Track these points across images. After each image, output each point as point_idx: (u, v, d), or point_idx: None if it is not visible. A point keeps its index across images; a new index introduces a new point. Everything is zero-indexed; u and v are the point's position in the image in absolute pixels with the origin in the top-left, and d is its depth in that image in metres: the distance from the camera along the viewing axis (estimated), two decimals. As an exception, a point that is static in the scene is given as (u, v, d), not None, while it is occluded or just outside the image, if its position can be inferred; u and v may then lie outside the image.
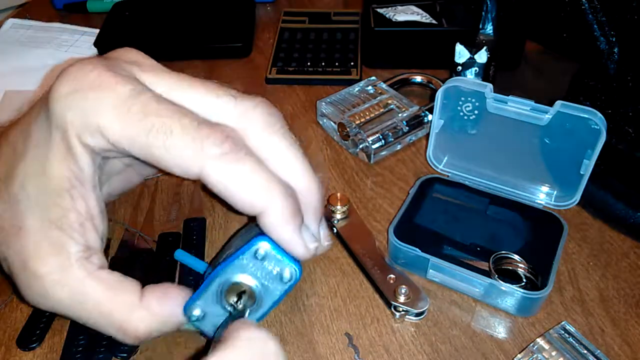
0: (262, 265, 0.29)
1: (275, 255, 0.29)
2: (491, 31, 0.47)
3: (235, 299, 0.30)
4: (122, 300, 0.29)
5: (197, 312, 0.30)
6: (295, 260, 0.30)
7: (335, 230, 0.41)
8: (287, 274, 0.29)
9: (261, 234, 0.29)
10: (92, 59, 0.29)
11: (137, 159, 0.29)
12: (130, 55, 0.31)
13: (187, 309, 0.30)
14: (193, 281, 0.37)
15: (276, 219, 0.28)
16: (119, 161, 0.35)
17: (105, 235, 0.31)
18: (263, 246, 0.29)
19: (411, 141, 0.50)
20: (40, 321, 0.34)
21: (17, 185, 0.29)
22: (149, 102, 0.27)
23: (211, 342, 0.29)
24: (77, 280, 0.28)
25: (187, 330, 0.32)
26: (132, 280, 0.30)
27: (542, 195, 0.41)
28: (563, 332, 0.33)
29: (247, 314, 0.30)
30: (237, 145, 0.28)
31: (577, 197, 0.39)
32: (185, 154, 0.27)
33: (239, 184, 0.27)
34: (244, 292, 0.30)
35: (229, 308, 0.30)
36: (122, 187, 0.38)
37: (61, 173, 0.28)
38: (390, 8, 0.62)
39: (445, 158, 0.45)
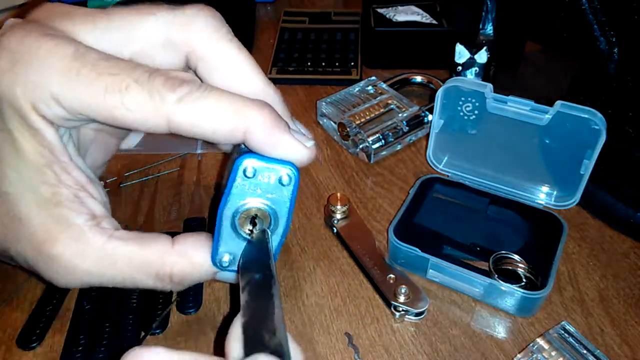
0: (257, 181, 0.28)
1: (265, 165, 0.28)
2: (491, 31, 0.47)
3: (251, 227, 0.29)
4: (154, 248, 0.29)
5: (226, 258, 0.30)
6: (285, 162, 0.28)
7: (335, 230, 0.41)
8: (285, 178, 0.28)
9: (238, 157, 0.28)
10: (19, 24, 0.28)
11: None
12: (55, 10, 0.29)
13: (215, 260, 0.30)
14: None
15: (263, 132, 0.27)
16: (87, 129, 0.34)
17: (107, 202, 0.30)
18: (248, 163, 0.28)
19: (411, 141, 0.50)
20: (41, 321, 0.34)
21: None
22: (96, 61, 0.26)
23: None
24: (98, 247, 0.28)
25: (223, 279, 0.32)
26: (159, 233, 0.30)
27: (542, 195, 0.41)
28: (563, 332, 0.33)
29: (270, 235, 0.29)
30: (194, 84, 0.27)
31: (577, 197, 0.39)
32: (147, 108, 0.26)
33: (211, 118, 0.27)
34: (255, 216, 0.29)
35: (249, 237, 0.29)
36: (104, 156, 0.36)
37: (33, 150, 0.27)
38: (390, 8, 0.62)
39: (445, 158, 0.45)
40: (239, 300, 0.25)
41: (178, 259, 0.29)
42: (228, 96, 0.27)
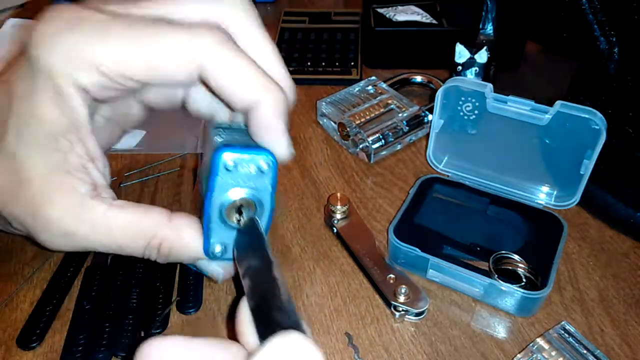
0: (237, 173, 0.29)
1: (243, 157, 0.29)
2: (491, 31, 0.47)
3: (237, 216, 0.30)
4: (151, 218, 0.30)
5: (217, 248, 0.31)
6: (261, 148, 0.29)
7: (335, 230, 0.41)
8: (264, 165, 0.29)
9: (215, 150, 0.29)
10: (63, 5, 0.29)
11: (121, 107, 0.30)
12: None
13: (207, 251, 0.31)
14: (193, 281, 0.37)
15: (272, 111, 0.29)
16: (99, 116, 0.35)
17: (109, 176, 0.31)
18: (227, 157, 0.28)
19: (411, 141, 0.50)
20: (41, 321, 0.34)
21: (10, 140, 0.29)
22: (131, 19, 0.28)
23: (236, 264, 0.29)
24: (98, 215, 0.29)
25: (201, 269, 0.33)
26: (157, 206, 0.32)
27: (542, 195, 0.41)
28: (563, 332, 0.33)
29: (259, 221, 0.30)
30: (230, 36, 0.29)
31: (577, 197, 0.39)
32: (182, 49, 0.27)
33: (237, 73, 0.28)
34: (241, 205, 0.30)
35: (237, 226, 0.30)
36: (107, 143, 0.37)
37: (54, 117, 0.28)
38: (390, 8, 0.62)
39: (445, 158, 0.45)
40: (240, 285, 0.25)
41: (171, 234, 0.31)
42: (256, 63, 0.29)
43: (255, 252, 0.27)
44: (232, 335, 0.23)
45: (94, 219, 0.29)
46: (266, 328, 0.21)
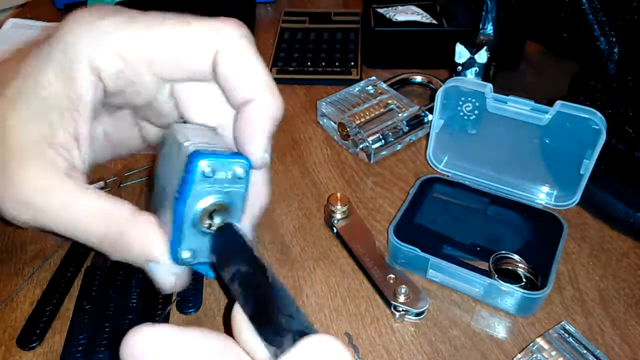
0: (214, 179, 0.28)
1: (220, 163, 0.28)
2: (491, 31, 0.47)
3: (209, 221, 0.29)
4: (118, 208, 0.29)
5: (186, 254, 0.30)
6: (236, 154, 0.30)
7: (335, 230, 0.41)
8: (239, 171, 0.29)
9: (191, 157, 0.28)
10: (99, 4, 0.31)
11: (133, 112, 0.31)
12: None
13: (175, 256, 0.30)
14: (193, 281, 0.37)
15: (267, 111, 0.30)
16: (100, 129, 0.35)
17: (89, 163, 0.31)
18: (204, 164, 0.28)
19: (411, 141, 0.50)
20: (41, 321, 0.34)
21: (5, 101, 0.29)
22: (157, 12, 0.30)
23: (216, 268, 0.29)
24: (67, 192, 0.29)
25: (152, 272, 0.31)
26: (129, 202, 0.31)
27: (542, 195, 0.41)
28: (563, 332, 0.33)
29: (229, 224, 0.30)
30: (251, 35, 0.31)
31: (577, 197, 0.39)
32: (204, 35, 0.29)
33: (250, 66, 0.30)
34: (213, 210, 0.29)
35: (209, 231, 0.29)
36: (96, 158, 0.36)
37: (57, 93, 0.29)
38: (390, 8, 0.62)
39: (445, 158, 0.45)
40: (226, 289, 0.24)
41: (131, 229, 0.29)
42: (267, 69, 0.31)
43: (241, 256, 0.27)
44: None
45: (60, 195, 0.29)
46: (274, 334, 0.21)
